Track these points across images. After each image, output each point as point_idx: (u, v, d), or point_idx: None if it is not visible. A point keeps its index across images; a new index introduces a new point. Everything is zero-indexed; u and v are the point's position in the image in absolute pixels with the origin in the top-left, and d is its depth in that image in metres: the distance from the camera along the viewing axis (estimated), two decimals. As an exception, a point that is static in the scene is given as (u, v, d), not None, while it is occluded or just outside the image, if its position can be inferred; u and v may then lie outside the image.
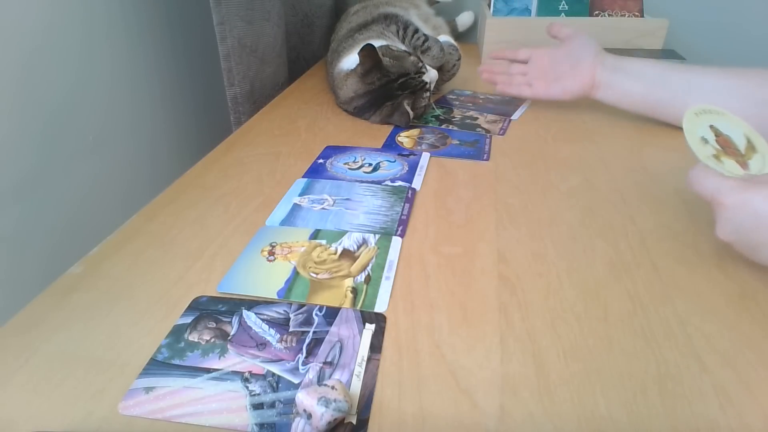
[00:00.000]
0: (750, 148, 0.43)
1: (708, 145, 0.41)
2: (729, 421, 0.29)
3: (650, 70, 0.62)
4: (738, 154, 0.42)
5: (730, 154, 0.41)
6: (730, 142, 0.43)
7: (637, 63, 0.64)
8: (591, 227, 0.47)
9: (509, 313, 0.37)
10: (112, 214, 0.70)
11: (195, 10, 0.85)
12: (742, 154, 0.42)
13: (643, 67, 0.63)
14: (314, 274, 0.41)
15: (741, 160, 0.41)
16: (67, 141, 0.63)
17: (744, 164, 0.41)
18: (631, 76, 0.63)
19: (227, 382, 0.32)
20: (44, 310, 0.38)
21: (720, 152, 0.41)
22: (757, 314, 0.36)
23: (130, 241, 0.45)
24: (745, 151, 0.42)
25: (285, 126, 0.71)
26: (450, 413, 0.30)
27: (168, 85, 0.82)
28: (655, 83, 0.62)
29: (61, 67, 0.61)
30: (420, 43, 0.75)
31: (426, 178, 0.57)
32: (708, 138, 0.42)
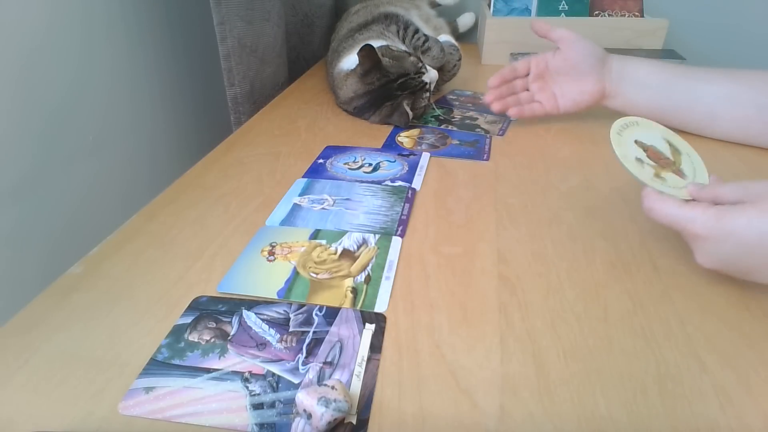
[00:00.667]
0: (674, 152, 0.44)
1: (644, 164, 0.41)
2: (729, 421, 0.29)
3: (655, 78, 0.62)
4: (669, 163, 0.42)
5: (664, 165, 0.42)
6: (658, 152, 0.43)
7: (641, 69, 0.63)
8: (591, 227, 0.47)
9: (509, 313, 0.37)
10: (112, 214, 0.70)
11: (195, 10, 0.85)
12: (671, 161, 0.43)
13: (648, 75, 0.62)
14: (314, 274, 0.41)
15: (675, 169, 0.42)
16: (66, 141, 0.63)
17: (678, 171, 0.42)
18: (637, 85, 0.62)
19: (227, 382, 0.32)
20: (44, 310, 0.38)
21: (657, 168, 0.41)
22: (757, 314, 0.36)
23: (130, 241, 0.45)
24: (673, 157, 0.43)
25: (285, 126, 0.71)
26: (450, 413, 0.30)
27: (168, 85, 0.82)
28: (660, 92, 0.61)
29: (61, 67, 0.61)
30: (420, 43, 0.75)
31: (426, 178, 0.57)
32: (641, 156, 0.42)
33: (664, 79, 0.61)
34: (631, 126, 0.45)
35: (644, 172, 0.41)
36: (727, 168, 0.57)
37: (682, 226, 0.37)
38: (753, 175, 0.55)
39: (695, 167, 0.43)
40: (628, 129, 0.44)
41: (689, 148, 0.45)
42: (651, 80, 0.61)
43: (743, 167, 0.57)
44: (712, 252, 0.37)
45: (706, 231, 0.36)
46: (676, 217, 0.38)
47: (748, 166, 0.57)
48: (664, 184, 0.40)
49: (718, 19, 1.10)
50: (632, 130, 0.44)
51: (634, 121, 0.45)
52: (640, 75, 0.62)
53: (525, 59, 0.68)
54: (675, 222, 0.38)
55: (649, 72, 0.62)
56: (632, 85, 0.62)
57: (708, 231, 0.36)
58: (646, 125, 0.45)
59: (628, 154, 0.41)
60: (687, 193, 0.40)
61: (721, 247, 0.36)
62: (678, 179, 0.41)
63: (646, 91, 0.61)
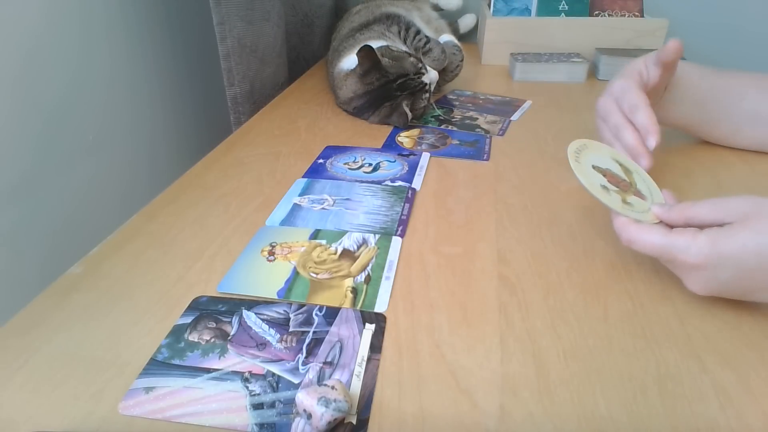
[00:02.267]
0: (626, 171, 0.43)
1: (610, 192, 0.40)
2: (729, 421, 0.29)
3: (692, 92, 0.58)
4: (628, 185, 0.42)
5: (624, 189, 0.41)
6: (614, 175, 0.42)
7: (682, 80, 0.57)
8: (591, 227, 0.47)
9: (509, 313, 0.37)
10: (112, 214, 0.71)
11: (195, 10, 0.85)
12: (628, 182, 0.42)
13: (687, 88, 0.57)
14: (314, 274, 0.41)
15: (634, 190, 0.42)
16: (65, 141, 0.63)
17: (638, 193, 0.41)
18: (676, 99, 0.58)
19: (227, 382, 0.32)
20: (44, 310, 0.38)
21: (620, 192, 0.41)
22: (757, 314, 0.36)
23: (130, 241, 0.45)
24: (627, 177, 0.43)
25: (285, 126, 0.71)
26: (450, 413, 0.30)
27: (168, 85, 0.82)
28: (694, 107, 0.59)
29: (60, 66, 0.61)
30: (422, 44, 0.75)
31: (426, 178, 0.57)
32: (604, 183, 0.41)
33: (702, 93, 0.58)
34: (584, 150, 0.43)
35: (613, 200, 0.39)
36: (730, 169, 0.57)
37: (673, 256, 0.36)
38: (754, 176, 0.55)
39: (648, 185, 0.43)
40: (583, 154, 0.43)
41: (636, 166, 0.45)
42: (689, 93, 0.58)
43: (744, 167, 0.57)
44: (708, 279, 0.35)
45: (702, 259, 0.34)
46: (663, 248, 0.36)
47: (750, 166, 0.57)
48: (632, 210, 0.39)
49: (718, 19, 1.10)
50: (586, 154, 0.43)
51: (583, 144, 0.44)
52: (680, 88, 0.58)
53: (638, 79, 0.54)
54: (663, 252, 0.36)
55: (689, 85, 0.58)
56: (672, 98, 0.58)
57: (703, 259, 0.34)
58: (595, 147, 0.44)
59: (593, 182, 0.40)
60: (653, 216, 0.39)
61: (718, 273, 0.34)
62: (642, 202, 0.40)
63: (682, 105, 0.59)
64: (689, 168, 0.57)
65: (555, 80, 0.91)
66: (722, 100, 0.58)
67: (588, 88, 0.88)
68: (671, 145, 0.62)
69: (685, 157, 0.60)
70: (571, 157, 0.42)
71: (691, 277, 0.36)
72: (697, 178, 0.55)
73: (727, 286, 0.35)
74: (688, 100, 0.59)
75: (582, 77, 0.91)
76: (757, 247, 0.33)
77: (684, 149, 0.61)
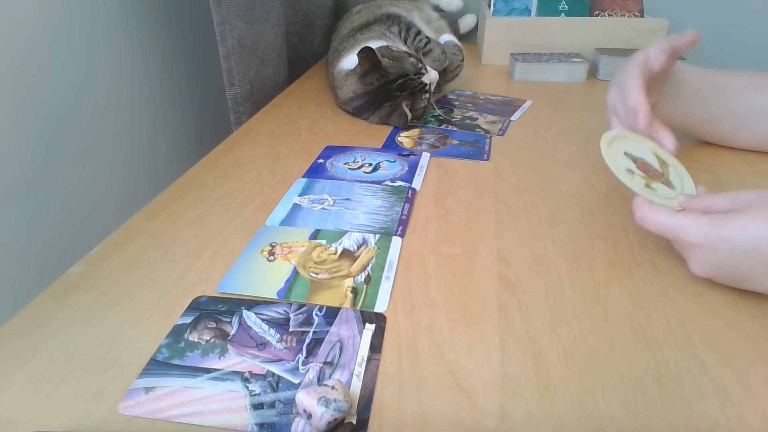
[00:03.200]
0: (662, 164, 0.44)
1: (635, 175, 0.42)
2: (729, 421, 0.29)
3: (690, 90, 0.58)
4: (658, 174, 0.43)
5: (653, 176, 0.42)
6: (646, 164, 0.44)
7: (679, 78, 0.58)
8: (591, 227, 0.47)
9: (509, 313, 0.37)
10: (111, 214, 0.71)
11: (195, 10, 0.85)
12: (660, 172, 0.43)
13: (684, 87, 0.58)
14: (314, 274, 0.41)
15: (664, 180, 0.43)
16: (65, 141, 0.63)
17: (667, 183, 0.43)
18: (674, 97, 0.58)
19: (227, 382, 0.32)
20: (44, 310, 0.38)
21: (647, 178, 0.42)
22: (757, 314, 0.36)
23: (130, 241, 0.45)
24: (661, 169, 0.44)
25: (285, 126, 0.71)
26: (450, 413, 0.30)
27: (168, 85, 0.82)
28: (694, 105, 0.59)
29: (60, 66, 0.61)
30: (422, 45, 0.75)
31: (426, 178, 0.57)
32: (631, 168, 0.42)
33: (699, 91, 0.59)
34: (620, 138, 0.45)
35: (635, 183, 0.41)
36: (732, 170, 0.57)
37: (676, 234, 0.38)
38: (756, 176, 0.55)
39: (683, 179, 0.44)
40: (617, 141, 0.45)
41: (676, 161, 0.46)
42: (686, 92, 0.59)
43: (744, 167, 0.57)
44: (706, 260, 0.37)
45: (700, 239, 0.36)
46: (669, 226, 0.38)
47: (750, 166, 0.57)
48: (654, 194, 0.41)
49: (718, 18, 1.10)
50: (621, 142, 0.45)
51: (623, 134, 0.46)
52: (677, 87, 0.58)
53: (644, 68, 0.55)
54: (668, 231, 0.38)
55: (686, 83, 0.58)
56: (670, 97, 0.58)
57: (702, 239, 0.36)
58: (633, 139, 0.46)
59: (619, 164, 0.42)
60: (677, 204, 0.40)
61: (715, 254, 0.36)
62: (668, 190, 0.42)
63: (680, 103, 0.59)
64: (689, 168, 0.57)
65: (555, 80, 0.91)
66: (720, 98, 0.59)
67: (588, 88, 0.88)
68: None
69: (685, 157, 0.59)
70: (604, 141, 0.44)
71: (693, 256, 0.38)
72: (697, 178, 0.55)
73: (724, 270, 0.37)
74: (686, 98, 0.59)
75: (582, 77, 0.91)
76: (756, 232, 0.34)
77: (684, 149, 0.61)
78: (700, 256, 0.37)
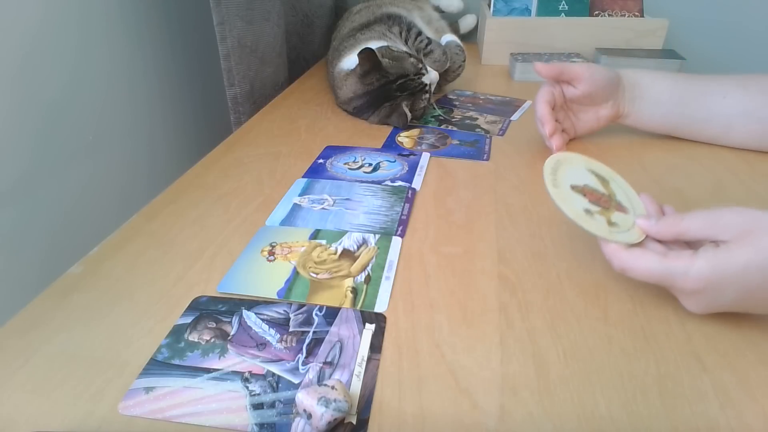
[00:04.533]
0: (603, 182, 0.41)
1: (593, 215, 0.38)
2: (729, 421, 0.29)
3: (668, 96, 0.60)
4: (608, 199, 0.40)
5: (605, 206, 0.39)
6: (593, 191, 0.40)
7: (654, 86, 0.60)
8: (591, 227, 0.47)
9: (509, 313, 0.37)
10: (111, 214, 0.71)
11: (195, 10, 0.85)
12: (607, 195, 0.40)
13: (661, 93, 0.60)
14: (314, 274, 0.41)
15: (615, 204, 0.40)
16: (64, 141, 0.63)
17: (619, 206, 0.39)
18: (650, 103, 0.61)
19: (227, 382, 0.32)
20: (44, 310, 0.38)
21: (603, 211, 0.39)
22: (757, 314, 0.36)
23: (130, 242, 0.45)
24: (605, 188, 0.41)
25: (285, 126, 0.71)
26: (450, 413, 0.30)
27: (167, 85, 0.82)
28: (674, 108, 0.61)
29: (59, 66, 0.61)
30: (423, 45, 0.75)
31: (426, 178, 0.57)
32: (587, 206, 0.39)
33: (678, 95, 0.60)
34: (560, 168, 0.41)
35: (600, 226, 0.37)
36: (731, 169, 0.57)
37: (671, 282, 0.34)
38: (755, 175, 0.55)
39: (626, 192, 0.41)
40: (560, 172, 0.41)
41: (611, 173, 0.43)
42: (664, 97, 0.60)
43: (745, 167, 0.57)
44: (708, 301, 0.34)
45: (702, 284, 0.33)
46: (661, 274, 0.35)
47: (750, 166, 0.57)
48: (619, 231, 0.37)
49: (718, 18, 1.10)
50: (562, 172, 0.41)
51: (557, 160, 0.42)
52: (652, 93, 0.61)
53: (547, 92, 0.61)
54: (661, 279, 0.35)
55: (663, 90, 0.60)
56: (646, 104, 0.61)
57: (704, 284, 0.33)
58: (568, 160, 0.42)
59: (576, 208, 0.38)
60: (639, 232, 0.37)
61: (719, 295, 0.33)
62: (624, 216, 0.39)
63: (660, 108, 0.61)
64: (689, 168, 0.57)
65: None
66: (703, 99, 0.59)
67: (588, 88, 0.88)
68: (671, 145, 0.62)
69: (685, 157, 0.60)
70: (548, 181, 0.39)
71: (691, 300, 0.35)
72: (697, 178, 0.55)
73: (729, 305, 0.34)
74: (665, 102, 0.60)
75: (582, 77, 0.90)
76: (762, 263, 0.31)
77: (684, 149, 0.61)
78: (701, 299, 0.34)
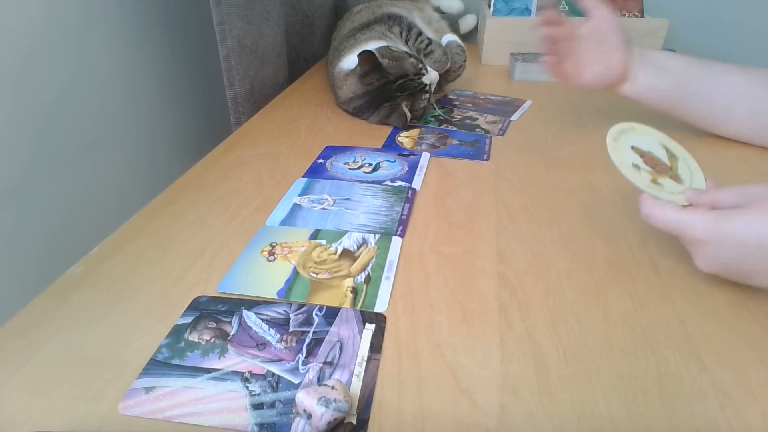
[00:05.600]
0: (671, 157, 0.44)
1: (641, 170, 0.41)
2: (729, 421, 0.29)
3: (675, 65, 0.60)
4: (666, 168, 0.43)
5: (660, 171, 0.42)
6: (654, 158, 0.43)
7: (662, 55, 0.61)
8: (591, 227, 0.47)
9: (509, 313, 0.37)
10: (111, 214, 0.70)
11: (195, 10, 0.85)
12: (668, 166, 0.43)
13: (668, 61, 0.60)
14: (314, 274, 0.41)
15: (672, 174, 0.42)
16: (64, 141, 0.63)
17: (675, 177, 0.42)
18: (658, 69, 0.60)
19: (227, 382, 0.32)
20: (44, 310, 0.38)
21: (654, 173, 0.42)
22: (757, 314, 0.36)
23: (130, 242, 0.45)
24: (669, 162, 0.43)
25: (285, 126, 0.71)
26: (450, 413, 0.30)
27: (167, 85, 0.82)
28: (680, 79, 0.60)
29: (59, 66, 0.61)
30: (423, 46, 0.75)
31: (426, 178, 0.57)
32: (637, 163, 0.42)
33: (685, 67, 0.60)
34: (628, 132, 0.44)
35: (641, 179, 0.41)
36: (730, 168, 0.57)
37: (681, 230, 0.38)
38: (755, 176, 0.55)
39: (692, 172, 0.43)
40: (625, 135, 0.44)
41: (686, 153, 0.45)
42: (672, 66, 0.60)
43: (746, 168, 0.57)
44: (711, 256, 0.37)
45: (705, 235, 0.36)
46: (674, 222, 0.38)
47: (751, 167, 0.57)
48: (661, 190, 0.40)
49: (718, 18, 1.10)
50: (628, 135, 0.44)
51: (631, 127, 0.45)
52: (660, 60, 0.60)
53: (558, 15, 0.60)
54: (674, 227, 0.38)
55: (669, 58, 0.61)
56: (654, 69, 0.60)
57: (707, 235, 0.36)
58: (642, 131, 0.45)
59: (625, 160, 0.42)
60: (684, 199, 0.40)
61: (720, 250, 0.36)
62: (675, 185, 0.41)
63: (666, 77, 0.60)
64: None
65: (555, 80, 0.91)
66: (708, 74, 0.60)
67: (588, 88, 0.88)
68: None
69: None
70: (610, 135, 0.43)
71: (697, 252, 0.38)
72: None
73: (728, 265, 0.37)
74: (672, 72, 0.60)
75: (582, 77, 0.90)
76: (760, 228, 0.34)
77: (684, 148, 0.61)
78: (705, 252, 0.37)
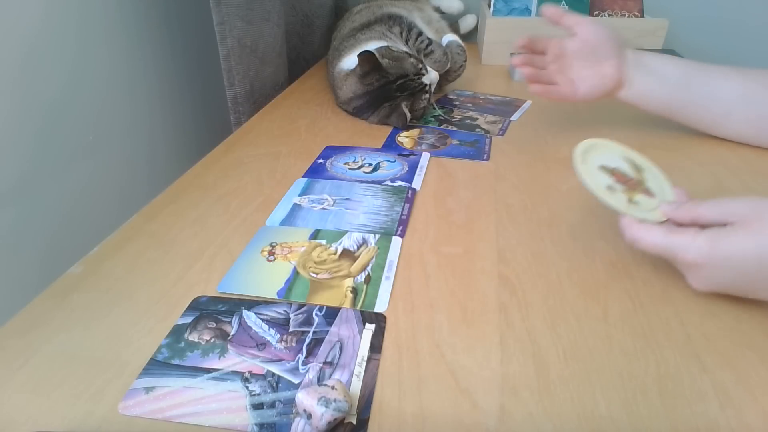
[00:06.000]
0: (636, 170, 0.43)
1: (616, 192, 0.40)
2: (729, 421, 0.29)
3: (672, 70, 0.60)
4: (637, 183, 0.42)
5: (632, 187, 0.41)
6: (623, 174, 0.42)
7: (658, 60, 0.60)
8: (591, 227, 0.47)
9: (509, 313, 0.37)
10: (111, 214, 0.70)
11: (195, 10, 0.85)
12: (637, 180, 0.42)
13: (664, 66, 0.60)
14: (314, 274, 0.41)
15: (643, 188, 0.41)
16: (64, 141, 0.63)
17: (646, 191, 0.41)
18: (654, 75, 0.60)
19: (227, 382, 0.32)
20: (44, 310, 0.38)
21: (627, 191, 0.41)
22: (757, 314, 0.36)
23: (130, 242, 0.45)
24: (637, 176, 0.42)
25: (285, 126, 0.71)
26: (450, 413, 0.30)
27: (167, 85, 0.82)
28: (678, 84, 0.59)
29: (59, 66, 0.61)
30: (424, 46, 0.75)
31: (426, 178, 0.57)
32: (610, 183, 0.41)
33: (682, 71, 0.59)
34: (591, 150, 0.44)
35: (618, 201, 0.40)
36: (730, 168, 0.57)
37: (674, 255, 0.37)
38: (755, 175, 0.55)
39: (660, 183, 0.42)
40: (590, 154, 0.43)
41: (649, 164, 0.44)
42: (668, 71, 0.60)
43: (745, 167, 0.57)
44: (707, 278, 0.36)
45: (701, 259, 0.35)
46: (664, 246, 0.37)
47: (751, 167, 0.57)
48: (638, 209, 0.39)
49: (718, 18, 1.10)
50: (593, 154, 0.43)
51: (592, 144, 0.44)
52: (656, 65, 0.60)
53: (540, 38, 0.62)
54: (665, 251, 0.37)
55: (666, 63, 0.60)
56: (650, 75, 0.60)
57: (703, 258, 0.35)
58: (604, 146, 0.44)
59: (599, 183, 0.41)
60: (661, 214, 0.39)
61: (716, 272, 0.35)
62: (649, 200, 0.41)
63: (663, 82, 0.60)
64: (689, 168, 0.57)
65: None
66: (705, 82, 0.59)
67: (588, 88, 0.88)
68: (671, 145, 0.62)
69: (685, 157, 0.60)
70: (577, 158, 0.42)
71: (692, 274, 0.37)
72: (697, 178, 0.55)
73: (727, 286, 0.36)
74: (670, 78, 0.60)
75: (582, 77, 0.90)
76: (757, 248, 0.33)
77: (684, 149, 0.61)
78: (700, 275, 0.36)
